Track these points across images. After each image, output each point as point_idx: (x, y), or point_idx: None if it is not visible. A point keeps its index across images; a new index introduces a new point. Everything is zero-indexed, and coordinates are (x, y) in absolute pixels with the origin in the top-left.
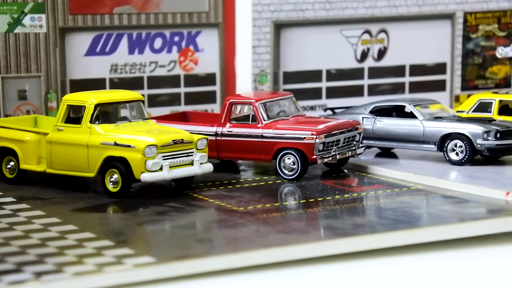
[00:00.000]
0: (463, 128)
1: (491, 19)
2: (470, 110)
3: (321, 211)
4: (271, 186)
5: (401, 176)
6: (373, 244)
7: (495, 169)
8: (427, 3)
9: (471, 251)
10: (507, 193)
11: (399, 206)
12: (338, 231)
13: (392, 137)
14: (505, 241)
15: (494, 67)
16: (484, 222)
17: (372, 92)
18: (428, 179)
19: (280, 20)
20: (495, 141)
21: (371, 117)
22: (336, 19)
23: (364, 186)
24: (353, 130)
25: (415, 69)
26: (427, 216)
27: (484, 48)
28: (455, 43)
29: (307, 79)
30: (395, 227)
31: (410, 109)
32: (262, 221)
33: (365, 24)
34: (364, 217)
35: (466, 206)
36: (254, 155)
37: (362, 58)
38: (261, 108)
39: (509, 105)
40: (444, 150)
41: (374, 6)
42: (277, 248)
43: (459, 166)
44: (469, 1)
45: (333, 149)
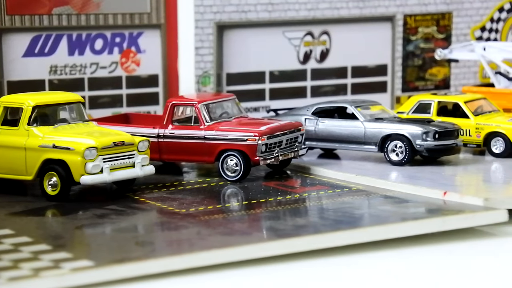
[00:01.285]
0: (402, 129)
1: (430, 21)
2: (410, 111)
3: (263, 212)
4: (214, 187)
5: (343, 176)
6: (314, 244)
7: (434, 169)
8: (368, 6)
9: (410, 250)
10: (445, 192)
11: (340, 207)
12: (279, 232)
13: (334, 138)
14: (442, 240)
15: (434, 69)
16: (422, 222)
17: (315, 94)
18: (369, 180)
19: (223, 22)
20: (433, 142)
21: (313, 119)
22: (278, 21)
23: (307, 187)
24: (296, 132)
25: (357, 71)
26: (367, 216)
27: (424, 50)
28: (396, 45)
29: (250, 81)
30: (336, 228)
31: (352, 111)
32: (203, 223)
33: (308, 26)
34: (306, 218)
35: (405, 206)
36: (196, 156)
37: (305, 59)
38: (204, 109)
39: (448, 106)
40: (385, 150)
41: (316, 8)
42: (218, 250)
43: (399, 166)
44: (408, 4)
45: (276, 151)
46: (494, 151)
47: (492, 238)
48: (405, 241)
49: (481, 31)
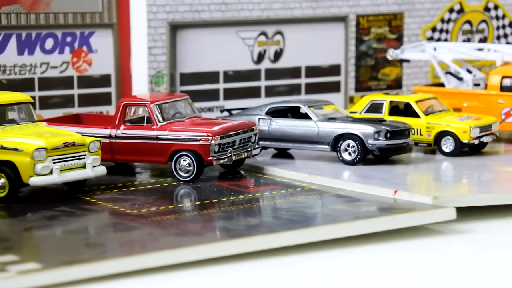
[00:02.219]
0: (355, 128)
1: (382, 22)
2: (362, 111)
3: (216, 213)
4: (167, 188)
5: (296, 176)
6: (267, 244)
7: (386, 169)
8: (321, 6)
9: (361, 248)
10: (395, 191)
11: (293, 206)
12: (232, 232)
13: (287, 138)
14: (393, 238)
15: (386, 69)
16: (373, 220)
17: (269, 94)
18: (321, 179)
19: (176, 21)
20: (385, 141)
21: (267, 118)
22: (232, 21)
23: (260, 187)
24: (249, 131)
25: (311, 71)
26: (319, 215)
27: (376, 50)
28: (349, 45)
29: (204, 81)
30: (288, 227)
31: (305, 110)
32: (155, 223)
33: (261, 26)
34: (258, 217)
35: (357, 205)
36: (149, 157)
37: (259, 59)
38: (156, 109)
39: (399, 105)
40: (338, 150)
41: (269, 8)
42: (170, 250)
43: (352, 165)
44: (361, 4)
45: (229, 150)
46: (444, 150)
47: (441, 236)
48: (357, 239)
49: (432, 31)
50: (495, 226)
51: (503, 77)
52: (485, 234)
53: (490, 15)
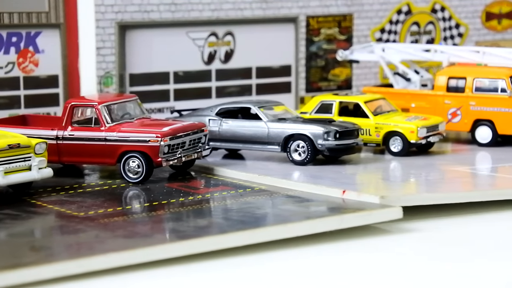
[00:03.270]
0: (304, 129)
1: (332, 23)
2: (312, 112)
3: (165, 214)
4: (115, 190)
5: (246, 177)
6: (216, 245)
7: (335, 169)
8: (271, 7)
9: (311, 248)
10: (344, 191)
11: (242, 207)
12: (181, 233)
13: (238, 138)
14: (342, 238)
15: (336, 70)
16: (321, 220)
17: (220, 94)
18: (271, 180)
19: (125, 21)
20: (334, 141)
21: (217, 119)
22: (182, 21)
23: (210, 188)
24: (199, 132)
25: (261, 71)
26: (269, 216)
27: (326, 51)
28: (299, 46)
29: (154, 81)
30: (238, 228)
31: (255, 111)
32: (102, 226)
33: (212, 26)
34: (208, 218)
35: (306, 205)
36: (97, 158)
37: (209, 60)
38: (104, 110)
39: (349, 106)
40: (288, 150)
41: (219, 8)
42: (116, 253)
43: (301, 166)
44: (311, 5)
45: (179, 152)
46: (393, 150)
47: (388, 235)
48: (307, 239)
49: (381, 32)
50: (441, 225)
51: (449, 78)
52: (431, 232)
53: (437, 17)
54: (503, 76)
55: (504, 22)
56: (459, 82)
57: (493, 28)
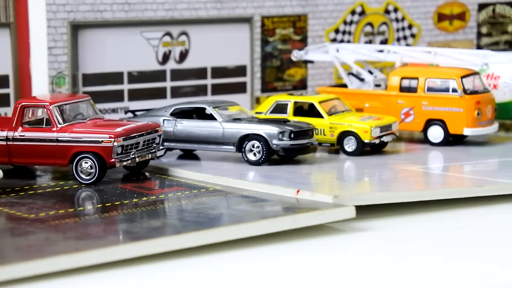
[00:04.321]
0: (259, 129)
1: (286, 23)
2: (267, 112)
3: (118, 215)
4: (67, 191)
5: (200, 177)
6: (170, 246)
7: (290, 169)
8: (226, 7)
9: (264, 248)
10: (298, 191)
11: (196, 207)
12: (134, 234)
13: (193, 139)
14: (295, 237)
15: (291, 70)
16: (274, 220)
17: (175, 94)
18: (226, 180)
19: (77, 21)
20: (289, 141)
21: (171, 119)
22: (136, 21)
23: (164, 188)
24: (153, 133)
25: (217, 72)
26: (223, 216)
27: (281, 51)
28: (254, 46)
29: (108, 81)
30: (192, 228)
31: (210, 111)
32: (53, 228)
33: (166, 26)
34: (162, 219)
35: (260, 205)
36: (49, 160)
37: (164, 60)
38: (56, 111)
39: (304, 106)
40: (243, 151)
41: (174, 8)
42: (66, 255)
43: (257, 166)
44: (266, 6)
45: (132, 152)
46: (347, 150)
47: (341, 234)
48: (261, 239)
49: (335, 33)
50: (394, 224)
51: (402, 78)
52: (384, 231)
53: (390, 18)
54: (454, 76)
55: (456, 23)
56: (412, 82)
57: (445, 29)
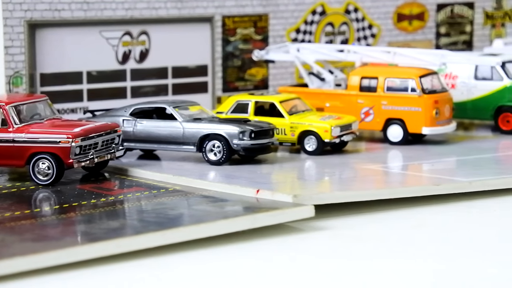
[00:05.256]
0: (220, 129)
1: (248, 23)
2: (228, 111)
3: (76, 217)
4: (24, 192)
5: (160, 177)
6: (128, 247)
7: (251, 168)
8: (186, 6)
9: (224, 248)
10: (257, 190)
11: (156, 208)
12: (92, 236)
13: (153, 139)
14: (255, 237)
15: (253, 70)
16: (234, 220)
17: (136, 94)
18: (186, 180)
19: (34, 20)
20: (250, 141)
21: (131, 119)
22: (95, 20)
23: (124, 189)
24: (112, 133)
25: (178, 71)
26: (183, 216)
27: (243, 51)
28: (215, 46)
29: (66, 81)
30: (151, 229)
31: (170, 111)
32: (9, 229)
33: (126, 25)
34: (120, 220)
35: (220, 205)
36: (5, 160)
37: (124, 60)
38: (12, 111)
39: (265, 106)
40: (203, 150)
41: (133, 7)
42: (22, 257)
43: (217, 166)
44: (226, 5)
45: (91, 153)
46: (308, 149)
47: (300, 233)
48: (222, 239)
49: (296, 32)
50: (353, 222)
51: (362, 78)
52: (343, 230)
53: (351, 18)
54: (413, 76)
55: (415, 23)
56: (371, 82)
57: (404, 29)
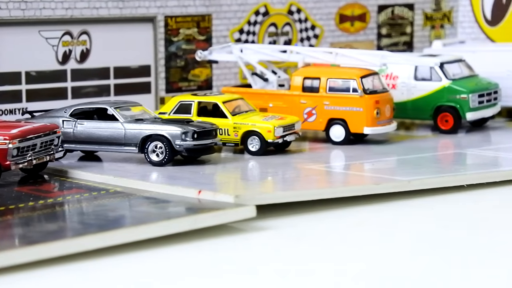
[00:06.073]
0: (162, 129)
1: (190, 23)
2: (171, 112)
3: (13, 219)
4: None
5: (101, 179)
6: (67, 249)
7: (194, 169)
8: (128, 6)
9: (166, 249)
10: (199, 191)
11: (96, 210)
12: (29, 239)
13: (94, 140)
14: (196, 238)
15: (196, 70)
16: (175, 221)
17: (77, 95)
18: (127, 181)
19: None
20: (192, 142)
21: (71, 120)
22: (33, 20)
23: (63, 191)
24: (51, 134)
25: (120, 72)
26: (123, 218)
27: (186, 51)
28: (158, 46)
29: (4, 82)
30: (90, 231)
31: (112, 112)
32: None
33: (66, 25)
34: (59, 223)
35: (162, 206)
36: None
37: (64, 60)
38: None
39: (208, 106)
40: (145, 151)
41: (73, 7)
42: None
43: (160, 167)
44: (169, 5)
45: (29, 154)
46: (251, 149)
47: (242, 233)
48: (164, 240)
49: (240, 33)
50: (295, 222)
51: (305, 78)
52: (285, 230)
53: (294, 18)
54: (354, 76)
55: (357, 24)
56: (314, 82)
57: (346, 30)
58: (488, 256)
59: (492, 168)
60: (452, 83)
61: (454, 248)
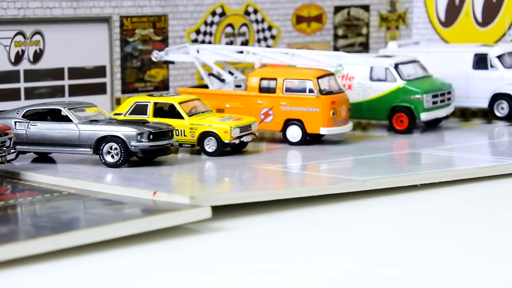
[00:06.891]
0: (117, 130)
1: (146, 23)
2: (127, 113)
3: None
4: None
5: (54, 181)
6: (18, 252)
7: (150, 170)
8: (82, 6)
9: (120, 251)
10: (154, 192)
11: (49, 212)
12: None
13: (47, 141)
14: (151, 239)
15: (153, 70)
16: (129, 223)
17: (30, 96)
18: (81, 183)
19: None
20: (148, 143)
21: (24, 122)
22: None
23: (15, 193)
24: (3, 136)
25: (74, 72)
26: (76, 220)
27: (142, 52)
28: (113, 47)
29: None
30: (42, 234)
31: (65, 113)
32: None
33: (18, 25)
34: (10, 225)
35: (117, 207)
36: None
37: (17, 60)
38: None
39: (164, 107)
40: (100, 153)
41: (26, 7)
42: None
43: (115, 168)
44: (124, 5)
45: None
46: (208, 150)
47: (197, 234)
48: (118, 242)
49: (196, 33)
50: (251, 223)
51: (261, 79)
52: (240, 231)
53: (250, 19)
54: (310, 77)
55: (313, 25)
56: (271, 83)
57: (303, 30)
58: (441, 252)
59: (446, 167)
60: (406, 84)
61: (409, 245)
